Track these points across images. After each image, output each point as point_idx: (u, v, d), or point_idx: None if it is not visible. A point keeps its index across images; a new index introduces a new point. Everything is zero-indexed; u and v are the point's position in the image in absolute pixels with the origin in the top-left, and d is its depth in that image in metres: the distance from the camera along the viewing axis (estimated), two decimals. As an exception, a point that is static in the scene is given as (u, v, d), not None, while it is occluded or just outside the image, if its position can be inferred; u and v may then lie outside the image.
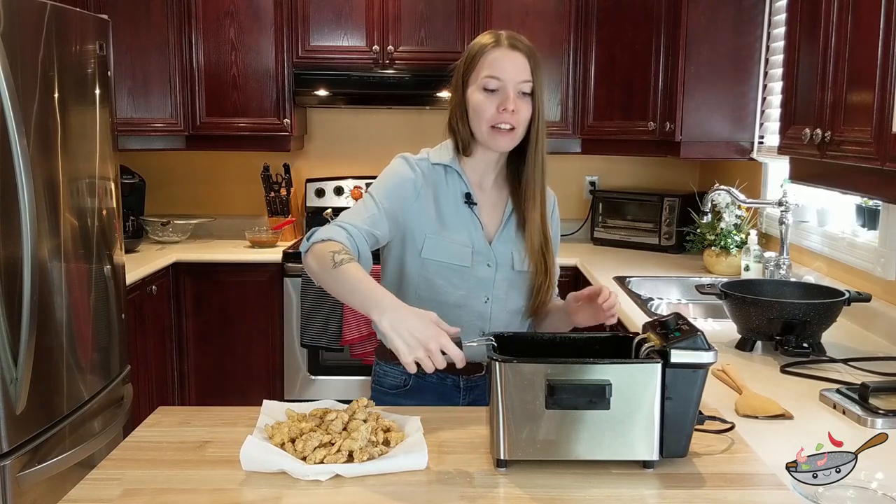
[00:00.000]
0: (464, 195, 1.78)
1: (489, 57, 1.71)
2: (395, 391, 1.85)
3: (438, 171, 1.79)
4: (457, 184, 1.79)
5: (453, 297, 1.77)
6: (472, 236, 1.77)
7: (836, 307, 2.04)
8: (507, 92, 1.69)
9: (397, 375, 1.85)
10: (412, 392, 1.83)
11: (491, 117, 1.70)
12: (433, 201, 1.76)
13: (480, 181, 1.82)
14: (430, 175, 1.78)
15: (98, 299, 2.59)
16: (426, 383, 1.82)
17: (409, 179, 1.75)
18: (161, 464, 1.37)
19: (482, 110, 1.71)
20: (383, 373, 1.88)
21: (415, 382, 1.83)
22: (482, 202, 1.81)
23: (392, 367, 1.85)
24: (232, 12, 3.75)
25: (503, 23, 3.73)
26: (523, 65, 1.71)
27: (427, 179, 1.77)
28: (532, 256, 1.79)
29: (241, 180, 4.23)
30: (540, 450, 1.33)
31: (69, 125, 2.39)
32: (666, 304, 2.78)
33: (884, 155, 1.63)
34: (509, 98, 1.69)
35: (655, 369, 1.32)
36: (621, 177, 4.26)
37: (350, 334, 3.49)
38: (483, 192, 1.82)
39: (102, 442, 2.49)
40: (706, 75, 3.31)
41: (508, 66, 1.70)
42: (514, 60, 1.70)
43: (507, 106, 1.68)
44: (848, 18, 1.81)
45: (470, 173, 1.80)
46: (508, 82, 1.69)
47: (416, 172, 1.76)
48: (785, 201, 2.80)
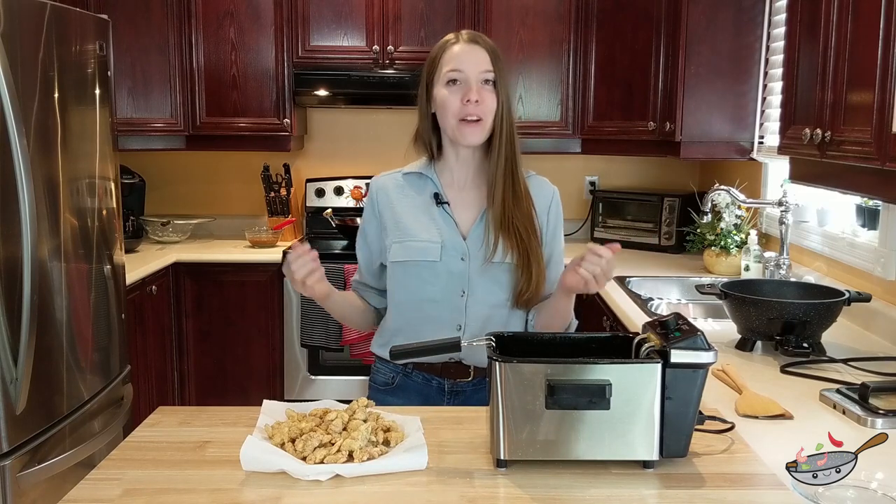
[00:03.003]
0: (432, 196, 1.84)
1: (450, 53, 1.78)
2: (384, 388, 1.92)
3: (410, 179, 1.88)
4: (428, 187, 1.86)
5: (429, 293, 1.81)
6: (443, 232, 1.81)
7: (836, 307, 2.04)
8: (469, 83, 1.74)
9: (387, 372, 1.92)
10: (398, 390, 1.89)
11: (457, 110, 1.74)
12: (398, 207, 1.86)
13: (454, 181, 1.86)
14: (396, 185, 1.88)
15: (98, 299, 2.59)
16: (411, 382, 1.88)
17: (372, 202, 1.90)
18: (161, 464, 1.37)
19: (448, 104, 1.75)
20: (376, 370, 1.96)
21: (401, 381, 1.89)
22: (458, 200, 1.85)
23: (383, 364, 1.92)
24: (232, 12, 3.75)
25: (503, 23, 3.74)
26: (483, 56, 1.76)
27: (388, 191, 1.88)
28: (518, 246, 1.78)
29: (241, 180, 4.23)
30: (540, 450, 1.33)
31: (69, 125, 2.39)
32: (666, 304, 2.78)
33: (884, 155, 1.63)
34: (472, 89, 1.73)
35: (655, 369, 1.32)
36: (621, 177, 4.26)
37: (350, 334, 3.49)
38: (460, 191, 1.86)
39: (102, 442, 2.49)
40: (706, 75, 3.31)
41: (468, 57, 1.75)
42: (474, 52, 1.76)
43: (470, 97, 1.73)
44: (848, 18, 1.81)
45: (444, 175, 1.87)
46: (470, 74, 1.75)
47: (374, 192, 1.89)
48: (785, 201, 2.80)
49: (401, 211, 1.85)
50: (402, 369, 1.88)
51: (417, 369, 1.87)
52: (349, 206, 4.12)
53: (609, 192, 4.09)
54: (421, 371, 1.87)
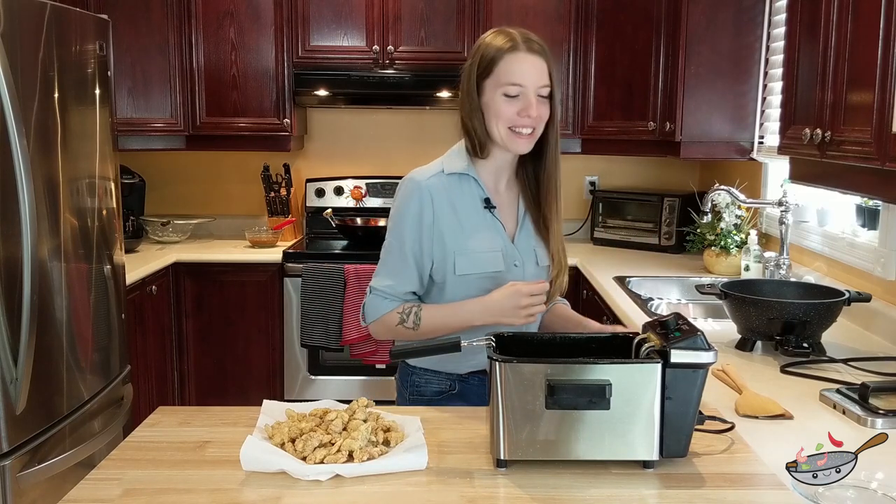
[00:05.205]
0: (483, 200, 1.78)
1: (508, 62, 1.69)
2: (440, 396, 1.84)
3: (453, 181, 1.77)
4: (474, 190, 1.78)
5: None
6: (497, 239, 1.77)
7: (836, 307, 2.04)
8: (528, 98, 1.69)
9: (441, 381, 1.84)
10: (456, 398, 1.83)
11: (510, 119, 1.70)
12: (454, 214, 1.75)
13: (496, 184, 1.82)
14: (445, 188, 1.75)
15: (98, 299, 2.59)
16: (468, 386, 1.83)
17: (422, 210, 1.73)
18: (161, 464, 1.37)
19: (502, 113, 1.70)
20: (425, 381, 1.85)
21: (460, 387, 1.83)
22: (499, 204, 1.80)
23: (434, 373, 1.84)
24: (232, 12, 3.75)
25: (503, 23, 3.71)
26: (543, 69, 1.71)
27: (440, 196, 1.74)
28: (552, 250, 1.82)
29: (241, 180, 4.23)
30: (540, 450, 1.33)
31: (69, 125, 2.39)
32: (666, 304, 2.78)
33: (884, 155, 1.63)
34: (532, 105, 1.69)
35: (655, 369, 1.32)
36: (621, 177, 4.26)
37: (350, 334, 3.49)
38: (498, 195, 1.82)
39: (102, 442, 2.49)
40: (706, 75, 3.31)
41: (529, 71, 1.69)
42: (534, 65, 1.70)
43: (530, 113, 1.69)
44: (848, 18, 1.81)
45: (485, 177, 1.80)
46: (530, 88, 1.69)
47: (426, 196, 1.73)
48: (785, 201, 2.80)
49: (458, 217, 1.75)
50: (458, 376, 1.82)
51: (474, 374, 1.82)
52: (349, 206, 4.12)
53: (609, 192, 4.09)
54: (477, 374, 1.82)
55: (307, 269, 3.56)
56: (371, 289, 1.79)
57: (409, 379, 1.87)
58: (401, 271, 1.76)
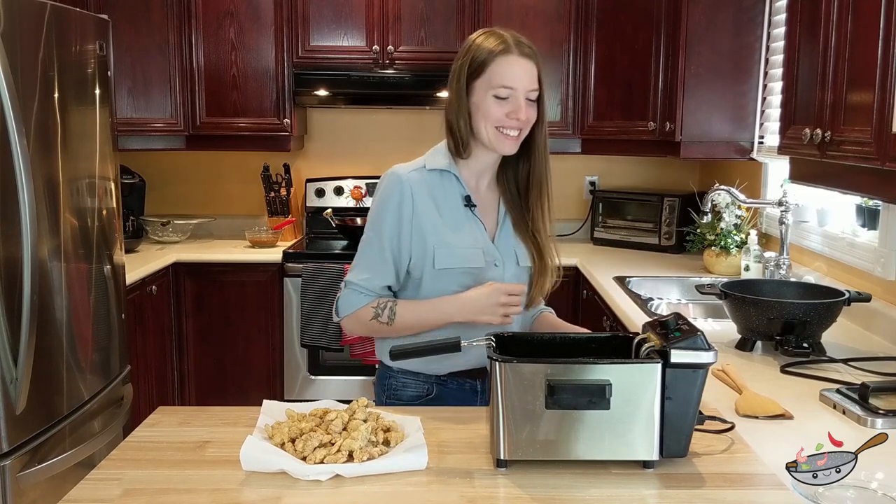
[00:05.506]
0: (463, 198, 1.78)
1: (499, 64, 1.70)
2: (417, 400, 1.83)
3: (434, 177, 1.77)
4: (455, 187, 1.79)
5: None
6: (477, 237, 1.77)
7: (836, 307, 2.04)
8: (518, 101, 1.70)
9: (418, 385, 1.83)
10: (435, 400, 1.82)
11: (498, 120, 1.71)
12: (435, 209, 1.75)
13: (477, 184, 1.83)
14: (426, 183, 1.76)
15: (98, 299, 2.59)
16: (447, 390, 1.82)
17: (402, 203, 1.73)
18: (161, 464, 1.37)
19: (490, 114, 1.71)
20: (402, 385, 1.84)
21: (437, 391, 1.82)
22: (479, 204, 1.81)
23: (411, 377, 1.83)
24: (232, 12, 3.75)
25: (503, 23, 3.73)
26: (533, 73, 1.72)
27: (421, 189, 1.75)
28: (543, 251, 1.81)
29: (240, 180, 4.23)
30: (540, 450, 1.33)
31: (69, 125, 2.39)
32: (666, 304, 2.78)
33: (884, 155, 1.63)
34: (521, 108, 1.70)
35: (655, 369, 1.32)
36: (621, 177, 4.26)
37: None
38: (479, 195, 1.82)
39: (102, 442, 2.49)
40: (706, 75, 3.31)
41: (520, 75, 1.70)
42: (525, 68, 1.71)
43: (519, 116, 1.70)
44: (848, 18, 1.81)
45: (466, 177, 1.81)
46: (520, 91, 1.70)
47: (406, 190, 1.73)
48: (785, 201, 2.80)
49: (439, 212, 1.75)
50: (437, 379, 1.81)
51: (452, 377, 1.81)
52: (349, 206, 4.12)
53: (609, 192, 4.09)
54: (455, 378, 1.81)
55: (307, 269, 3.56)
56: (346, 283, 1.78)
57: (387, 383, 1.85)
58: (378, 265, 1.76)
